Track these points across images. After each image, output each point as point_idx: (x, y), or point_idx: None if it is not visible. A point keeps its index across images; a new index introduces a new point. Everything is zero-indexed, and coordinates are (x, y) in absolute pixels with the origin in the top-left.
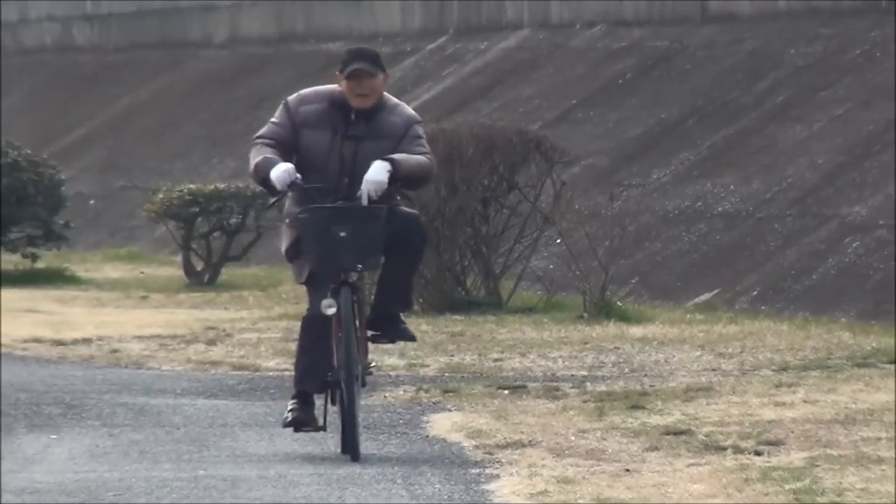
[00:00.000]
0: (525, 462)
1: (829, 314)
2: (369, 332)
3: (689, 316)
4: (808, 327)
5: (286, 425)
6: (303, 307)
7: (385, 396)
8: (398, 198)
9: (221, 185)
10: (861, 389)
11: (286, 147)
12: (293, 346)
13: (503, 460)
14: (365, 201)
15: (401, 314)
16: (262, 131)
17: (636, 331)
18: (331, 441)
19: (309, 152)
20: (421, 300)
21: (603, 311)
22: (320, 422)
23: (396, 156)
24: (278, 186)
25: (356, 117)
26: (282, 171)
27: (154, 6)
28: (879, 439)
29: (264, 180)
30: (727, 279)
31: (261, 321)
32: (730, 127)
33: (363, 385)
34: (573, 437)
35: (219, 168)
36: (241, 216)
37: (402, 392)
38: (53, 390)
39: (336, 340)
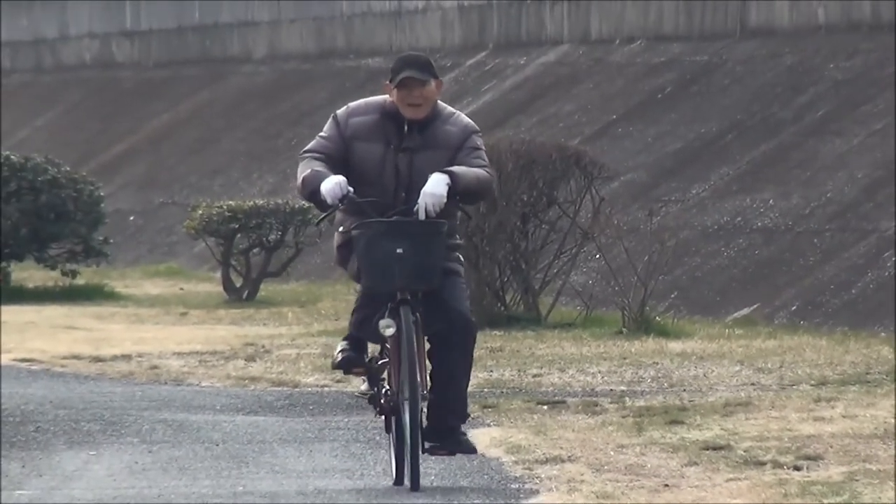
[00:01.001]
0: (564, 477)
1: (868, 329)
2: (426, 444)
3: (727, 331)
4: (846, 342)
5: (336, 366)
6: (342, 323)
7: (424, 412)
8: (458, 214)
9: (260, 202)
10: None
11: (336, 161)
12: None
13: (542, 476)
14: (422, 216)
15: (460, 425)
16: (310, 145)
17: (675, 346)
18: (370, 457)
19: (361, 166)
20: None
21: (642, 326)
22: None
23: (455, 168)
24: (329, 200)
25: (409, 128)
26: (333, 184)
27: (194, 22)
28: None
29: (313, 194)
30: (766, 294)
31: (300, 337)
32: (769, 142)
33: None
34: (612, 453)
35: (258, 184)
36: (280, 232)
37: None
38: (92, 407)
39: (394, 363)
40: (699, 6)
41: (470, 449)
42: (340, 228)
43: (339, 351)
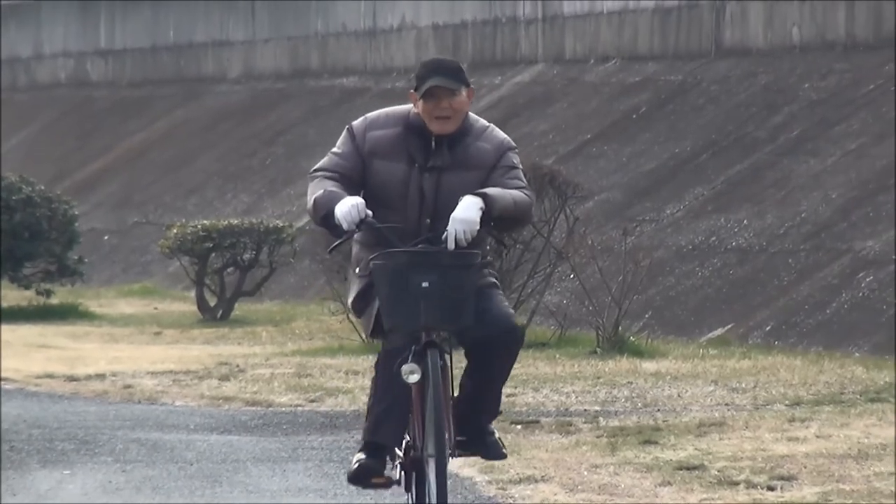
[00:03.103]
0: (538, 497)
1: (843, 349)
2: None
3: (702, 351)
4: (821, 362)
5: (352, 479)
6: (316, 343)
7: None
8: (489, 241)
9: (235, 221)
10: (874, 424)
11: (352, 181)
12: (306, 382)
13: (516, 496)
14: (452, 244)
15: (490, 424)
16: (321, 163)
17: (649, 366)
18: (343, 477)
19: (381, 186)
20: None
21: (616, 346)
22: (395, 476)
23: (490, 190)
24: (345, 225)
25: (437, 144)
26: (349, 207)
27: (168, 41)
28: (892, 474)
29: (326, 218)
30: (740, 314)
31: (274, 357)
32: (743, 161)
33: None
34: (586, 473)
35: (233, 203)
36: (254, 252)
37: None
38: (66, 426)
39: (417, 413)
40: (674, 26)
41: (498, 454)
42: (357, 270)
43: (356, 462)
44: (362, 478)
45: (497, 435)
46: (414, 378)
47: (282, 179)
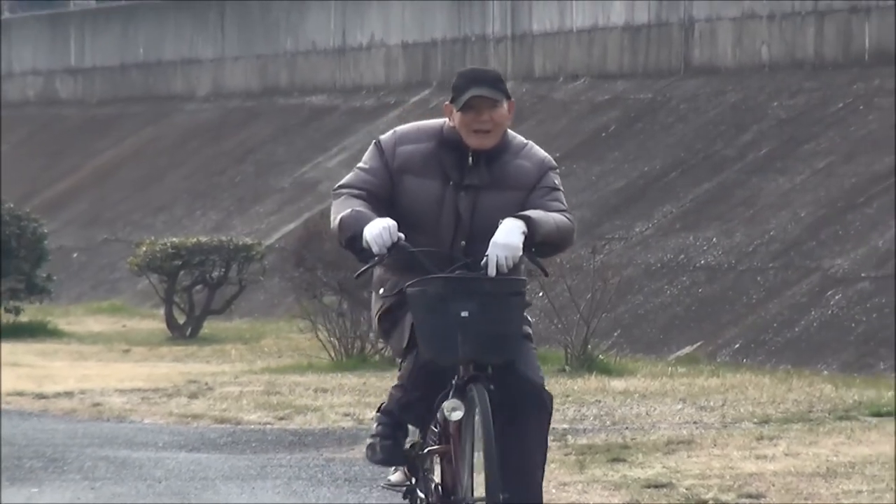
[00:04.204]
0: None
1: (811, 367)
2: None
3: (670, 369)
4: (789, 380)
5: (373, 459)
6: (285, 361)
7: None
8: (523, 264)
9: (204, 239)
10: (843, 442)
11: (380, 199)
12: (275, 400)
13: None
14: (492, 271)
15: None
16: (346, 179)
17: (618, 384)
18: (312, 494)
19: (411, 206)
20: None
21: (585, 364)
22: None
23: (532, 213)
24: (375, 249)
25: (475, 160)
26: (380, 229)
27: (138, 59)
28: (861, 492)
29: (353, 240)
30: (709, 332)
31: (243, 374)
32: (712, 179)
33: None
34: (554, 491)
35: (202, 221)
36: (223, 269)
37: None
38: (35, 444)
39: (456, 455)
40: (643, 44)
41: None
42: (381, 290)
43: (374, 436)
44: (387, 461)
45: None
46: (457, 415)
47: (251, 197)
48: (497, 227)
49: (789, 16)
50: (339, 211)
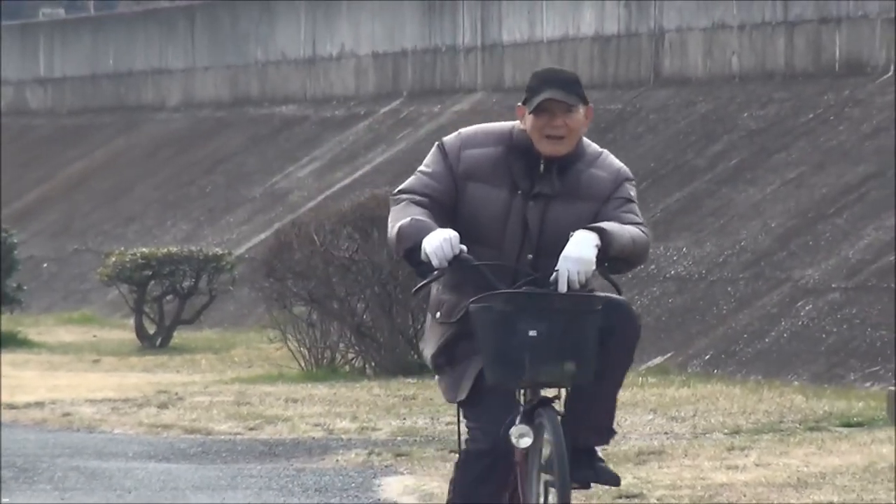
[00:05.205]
0: None
1: (782, 378)
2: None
3: (641, 379)
4: (760, 391)
5: None
6: (256, 371)
7: (337, 460)
8: (596, 280)
9: (174, 249)
10: (813, 453)
11: (443, 206)
12: (245, 410)
13: None
14: (564, 287)
15: (599, 445)
16: (407, 183)
17: None
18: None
19: (475, 215)
20: (373, 364)
21: None
22: None
23: (607, 225)
24: (435, 262)
25: (545, 168)
26: (441, 241)
27: (108, 70)
28: (831, 503)
29: (411, 252)
30: (680, 343)
31: (213, 385)
32: (683, 190)
33: None
34: None
35: (172, 231)
36: (193, 279)
37: (353, 455)
38: (5, 454)
39: (523, 483)
40: (613, 54)
41: (612, 479)
42: (437, 315)
43: None
44: None
45: (604, 462)
46: (525, 442)
47: (221, 207)
48: (568, 239)
49: (759, 26)
50: (398, 218)
